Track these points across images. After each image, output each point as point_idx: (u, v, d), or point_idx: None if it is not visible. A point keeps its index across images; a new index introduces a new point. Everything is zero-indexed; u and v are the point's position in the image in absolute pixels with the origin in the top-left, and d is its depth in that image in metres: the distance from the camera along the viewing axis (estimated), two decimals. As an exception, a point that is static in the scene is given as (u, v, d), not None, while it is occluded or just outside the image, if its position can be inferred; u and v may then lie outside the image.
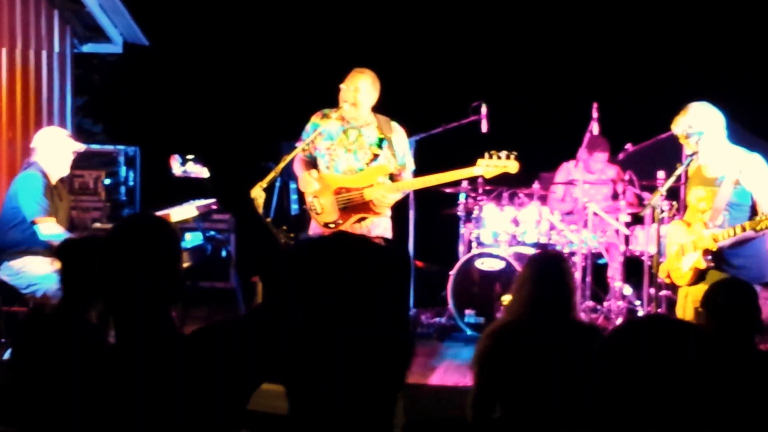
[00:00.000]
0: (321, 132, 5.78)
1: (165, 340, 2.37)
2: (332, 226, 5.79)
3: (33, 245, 6.03)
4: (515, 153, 5.68)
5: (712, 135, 5.19)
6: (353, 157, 5.77)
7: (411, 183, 5.88)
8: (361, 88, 5.69)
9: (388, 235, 5.88)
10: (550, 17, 9.79)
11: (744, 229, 5.04)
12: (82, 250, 3.54)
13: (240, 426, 2.37)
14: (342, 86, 5.73)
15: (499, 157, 5.68)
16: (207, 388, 2.32)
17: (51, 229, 6.01)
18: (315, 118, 5.85)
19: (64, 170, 6.29)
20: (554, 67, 9.71)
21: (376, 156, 5.76)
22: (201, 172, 6.53)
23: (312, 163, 5.91)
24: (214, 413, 2.32)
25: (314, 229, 5.92)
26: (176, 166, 6.83)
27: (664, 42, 9.45)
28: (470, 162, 5.79)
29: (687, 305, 5.41)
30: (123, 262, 2.44)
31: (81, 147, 6.50)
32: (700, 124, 5.18)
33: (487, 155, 5.70)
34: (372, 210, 5.73)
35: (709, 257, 5.19)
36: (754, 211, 5.22)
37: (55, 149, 6.19)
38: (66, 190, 6.54)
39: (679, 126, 5.23)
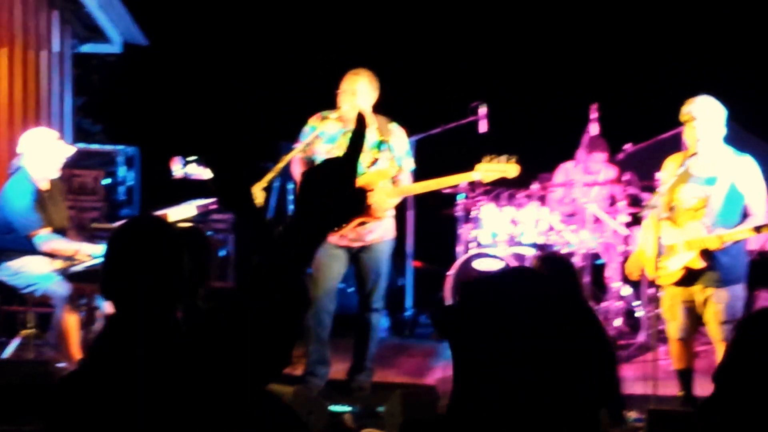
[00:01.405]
0: (319, 134, 5.76)
1: (170, 341, 2.38)
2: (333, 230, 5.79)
3: (31, 246, 6.02)
4: (515, 157, 5.68)
5: (717, 127, 5.22)
6: (353, 160, 5.76)
7: (411, 188, 5.89)
8: (358, 91, 5.67)
9: (390, 235, 5.88)
10: (549, 18, 9.79)
11: (759, 231, 5.09)
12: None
13: (245, 426, 2.37)
14: (339, 91, 5.70)
15: (498, 161, 5.68)
16: (212, 388, 2.32)
17: (47, 238, 5.98)
18: (313, 121, 5.83)
19: (53, 173, 6.13)
20: (553, 67, 9.72)
21: (376, 159, 5.76)
22: (202, 173, 6.51)
23: (311, 165, 5.90)
24: (220, 414, 2.32)
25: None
26: (177, 168, 6.81)
27: (663, 42, 9.46)
28: (469, 162, 5.80)
29: (675, 305, 5.42)
30: (126, 265, 2.44)
31: (71, 150, 6.40)
32: (712, 112, 5.21)
33: (485, 159, 5.70)
34: (373, 214, 5.73)
35: (703, 257, 5.21)
36: (744, 212, 5.26)
37: (43, 154, 6.03)
38: (60, 188, 6.40)
39: (699, 107, 5.21)
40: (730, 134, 5.36)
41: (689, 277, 5.31)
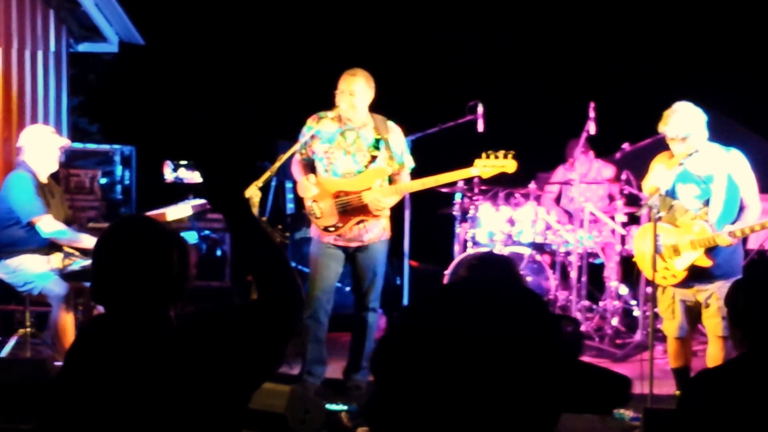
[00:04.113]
0: (316, 134, 5.76)
1: (163, 340, 2.37)
2: (332, 229, 5.79)
3: (29, 244, 6.02)
4: (513, 152, 5.68)
5: (701, 134, 5.24)
6: (352, 159, 5.75)
7: (408, 186, 5.88)
8: (356, 92, 5.66)
9: (387, 235, 5.88)
10: (547, 16, 9.79)
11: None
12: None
13: (241, 425, 2.36)
14: (337, 92, 5.69)
15: (496, 157, 5.68)
16: (207, 387, 2.31)
17: (51, 226, 6.00)
18: (311, 121, 5.82)
19: (52, 166, 6.22)
20: (551, 66, 9.72)
21: (374, 158, 5.75)
22: (193, 177, 6.50)
23: (310, 166, 5.90)
24: (215, 412, 2.31)
25: (314, 232, 5.93)
26: (168, 172, 6.81)
27: (661, 41, 9.47)
28: (467, 161, 5.79)
29: (674, 304, 5.42)
30: (117, 264, 2.43)
31: (66, 142, 6.45)
32: (692, 125, 5.21)
33: (484, 155, 5.70)
34: (371, 213, 5.73)
35: (708, 254, 5.24)
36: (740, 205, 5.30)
37: (41, 147, 6.12)
38: (58, 185, 6.49)
39: (673, 127, 5.23)
40: (725, 129, 5.38)
41: (693, 276, 5.33)
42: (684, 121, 5.21)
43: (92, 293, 2.49)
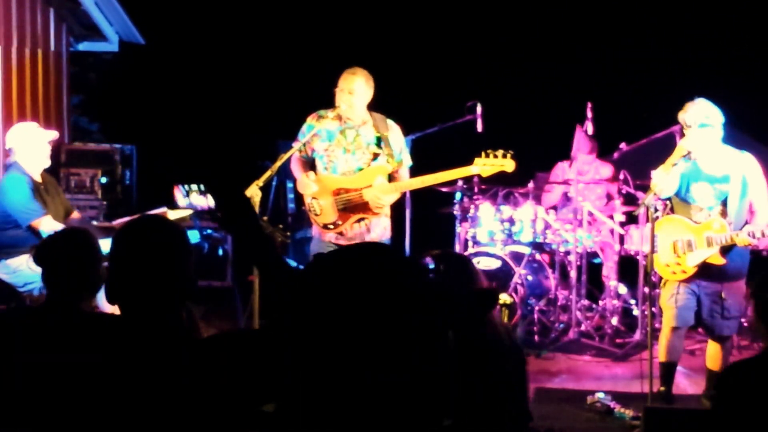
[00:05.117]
0: (317, 133, 5.78)
1: (174, 342, 2.38)
2: (331, 227, 5.80)
3: (29, 244, 6.01)
4: (512, 152, 5.70)
5: (717, 131, 5.27)
6: (352, 157, 5.77)
7: (408, 183, 5.89)
8: (355, 91, 5.68)
9: (388, 235, 5.90)
10: (545, 17, 9.81)
11: None
12: (61, 247, 3.48)
13: (249, 428, 2.37)
14: (336, 90, 5.71)
15: (495, 156, 5.70)
16: (217, 392, 2.31)
17: (51, 227, 6.00)
18: (311, 120, 5.84)
19: (45, 162, 6.16)
20: (549, 66, 9.73)
21: (376, 155, 5.77)
22: (205, 202, 6.50)
23: (310, 164, 5.92)
24: (224, 416, 2.32)
25: (315, 230, 5.94)
26: (180, 197, 6.82)
27: (659, 41, 9.48)
28: (466, 161, 5.81)
29: (679, 296, 5.44)
30: (135, 265, 2.43)
31: (54, 134, 6.40)
32: (711, 118, 5.24)
33: (483, 154, 5.72)
34: (371, 210, 5.75)
35: (722, 253, 5.27)
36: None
37: (30, 145, 6.07)
38: (52, 178, 6.43)
39: (693, 115, 5.24)
40: (726, 135, 5.40)
41: (702, 274, 5.35)
42: (702, 112, 5.25)
43: (107, 293, 2.49)
